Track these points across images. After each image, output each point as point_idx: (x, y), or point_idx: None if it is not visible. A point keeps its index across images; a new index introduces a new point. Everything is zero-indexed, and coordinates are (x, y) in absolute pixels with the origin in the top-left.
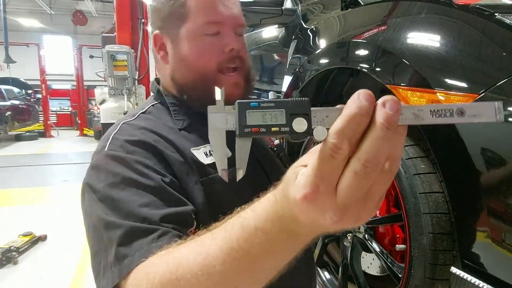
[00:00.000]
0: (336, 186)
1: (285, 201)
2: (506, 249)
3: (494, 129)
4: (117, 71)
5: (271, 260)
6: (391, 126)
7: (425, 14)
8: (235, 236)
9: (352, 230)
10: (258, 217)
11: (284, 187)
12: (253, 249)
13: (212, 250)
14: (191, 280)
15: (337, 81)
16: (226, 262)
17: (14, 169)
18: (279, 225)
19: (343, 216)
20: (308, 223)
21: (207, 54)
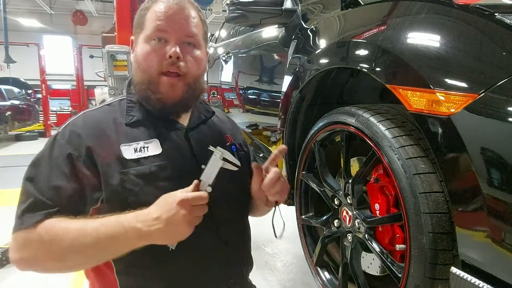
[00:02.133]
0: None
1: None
2: (506, 249)
3: (494, 129)
4: (117, 71)
5: (115, 246)
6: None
7: (425, 14)
8: (108, 224)
9: (352, 230)
10: (129, 221)
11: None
12: (111, 238)
13: (86, 225)
14: (65, 243)
15: (337, 81)
16: (88, 240)
17: (14, 169)
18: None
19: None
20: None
21: (151, 57)
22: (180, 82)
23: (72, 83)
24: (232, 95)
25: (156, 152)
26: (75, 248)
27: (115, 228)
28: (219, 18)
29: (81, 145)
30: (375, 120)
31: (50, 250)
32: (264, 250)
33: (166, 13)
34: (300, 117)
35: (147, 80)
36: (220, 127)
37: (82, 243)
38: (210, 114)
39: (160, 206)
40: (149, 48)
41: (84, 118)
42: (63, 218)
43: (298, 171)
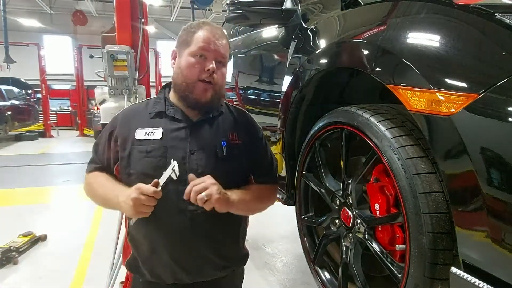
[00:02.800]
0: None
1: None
2: (506, 249)
3: (494, 129)
4: (117, 71)
5: (109, 202)
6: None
7: (425, 14)
8: (111, 188)
9: (352, 230)
10: (118, 191)
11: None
12: (108, 197)
13: (106, 185)
14: (96, 188)
15: (337, 81)
16: (101, 192)
17: (14, 169)
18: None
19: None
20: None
21: (193, 67)
22: (211, 88)
23: (72, 83)
24: (232, 95)
25: (157, 137)
26: (97, 196)
27: (111, 193)
28: (219, 18)
29: (116, 127)
30: (375, 120)
31: (90, 191)
32: (264, 250)
33: (209, 38)
34: (300, 117)
35: (186, 83)
36: (227, 125)
37: (98, 193)
38: (218, 113)
39: (131, 188)
40: (194, 60)
41: (128, 108)
42: (102, 174)
43: (298, 171)
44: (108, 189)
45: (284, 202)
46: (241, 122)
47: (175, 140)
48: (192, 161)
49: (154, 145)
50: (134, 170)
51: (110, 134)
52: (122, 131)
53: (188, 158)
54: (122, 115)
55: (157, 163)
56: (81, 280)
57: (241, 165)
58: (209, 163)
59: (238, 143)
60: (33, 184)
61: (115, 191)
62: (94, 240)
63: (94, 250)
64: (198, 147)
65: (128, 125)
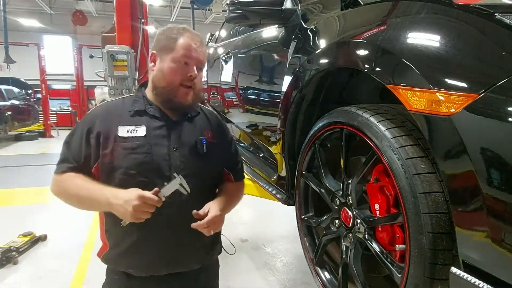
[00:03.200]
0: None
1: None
2: (506, 249)
3: (494, 129)
4: (117, 71)
5: (95, 204)
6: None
7: (425, 14)
8: (95, 186)
9: (352, 230)
10: (102, 190)
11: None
12: (91, 194)
13: (82, 184)
14: (73, 189)
15: (337, 81)
16: (82, 194)
17: (14, 169)
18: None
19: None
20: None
21: (176, 73)
22: (191, 92)
23: (72, 83)
24: (232, 95)
25: (141, 135)
26: (75, 197)
27: (97, 193)
28: (219, 18)
29: (94, 124)
30: (375, 120)
31: (63, 193)
32: (264, 250)
33: (191, 46)
34: (300, 117)
35: (169, 87)
36: (203, 124)
37: (80, 196)
38: (195, 113)
39: (128, 192)
40: (177, 67)
41: (103, 105)
42: (78, 175)
43: (298, 171)
44: (93, 190)
45: (284, 202)
46: (214, 123)
47: (158, 137)
48: (175, 157)
49: (139, 142)
50: (118, 166)
51: (88, 131)
52: (103, 128)
53: (172, 155)
54: (101, 112)
55: (142, 160)
56: (81, 280)
57: (218, 162)
58: (191, 159)
59: (214, 141)
60: (33, 184)
61: (103, 192)
62: (94, 240)
63: (94, 250)
64: (180, 144)
65: (109, 122)
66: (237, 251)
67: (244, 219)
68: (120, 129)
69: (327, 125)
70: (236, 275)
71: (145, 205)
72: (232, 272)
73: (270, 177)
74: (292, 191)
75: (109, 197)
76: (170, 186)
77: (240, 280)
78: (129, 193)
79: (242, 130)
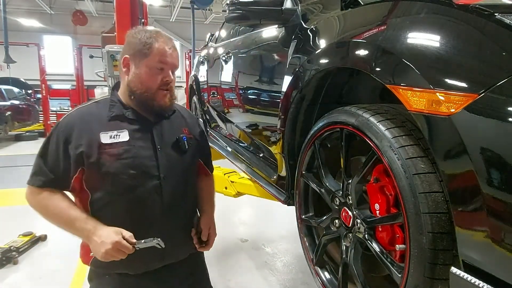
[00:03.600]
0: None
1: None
2: (506, 249)
3: (494, 129)
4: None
5: (75, 231)
6: None
7: (425, 14)
8: (71, 212)
9: (352, 230)
10: (87, 221)
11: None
12: (73, 222)
13: (61, 206)
14: (53, 211)
15: (337, 81)
16: (64, 219)
17: (14, 169)
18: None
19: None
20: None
21: (153, 78)
22: (168, 94)
23: (72, 83)
24: (232, 95)
25: (125, 139)
26: (53, 219)
27: (80, 225)
28: (219, 18)
29: (73, 133)
30: (375, 120)
31: (42, 209)
32: (264, 250)
33: (166, 52)
34: (300, 117)
35: (148, 92)
36: (179, 122)
37: (59, 219)
38: (171, 112)
39: (108, 234)
40: (154, 72)
41: (77, 112)
42: (59, 195)
43: (298, 171)
44: (75, 220)
45: (284, 202)
46: (188, 118)
47: (141, 140)
48: (161, 157)
49: (123, 147)
50: (106, 173)
51: (66, 142)
52: (83, 136)
53: (157, 155)
54: (76, 120)
55: (130, 164)
56: (81, 280)
57: (196, 155)
58: (175, 157)
59: (191, 136)
60: None
61: (86, 226)
62: None
63: None
64: (163, 144)
65: (88, 130)
66: (237, 251)
67: (244, 219)
68: (102, 136)
69: (327, 125)
70: (236, 275)
71: (118, 251)
72: (232, 272)
73: (270, 177)
74: (292, 191)
75: (90, 231)
76: (147, 243)
77: (240, 280)
78: (108, 235)
79: (242, 130)
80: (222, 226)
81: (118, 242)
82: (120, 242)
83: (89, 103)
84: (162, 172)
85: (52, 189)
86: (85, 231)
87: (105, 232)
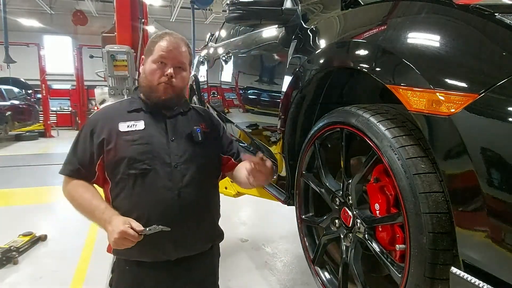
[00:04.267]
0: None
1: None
2: (506, 249)
3: (494, 129)
4: (117, 71)
5: (94, 220)
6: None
7: (425, 14)
8: (93, 202)
9: (352, 230)
10: (104, 212)
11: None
12: (93, 212)
13: (85, 197)
14: (77, 201)
15: (337, 81)
16: (85, 206)
17: (14, 169)
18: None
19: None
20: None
21: (154, 72)
22: (170, 88)
23: (72, 83)
24: (232, 95)
25: (140, 128)
26: (78, 208)
27: (99, 215)
28: (219, 18)
29: (97, 125)
30: (375, 120)
31: (70, 199)
32: (264, 250)
33: (167, 47)
34: (300, 117)
35: (150, 86)
36: (196, 118)
37: (82, 209)
38: (187, 109)
39: (118, 222)
40: (155, 66)
41: (102, 109)
42: (84, 185)
43: (298, 171)
44: (96, 210)
45: (284, 202)
46: (206, 116)
47: (155, 130)
48: (173, 147)
49: (139, 134)
50: (122, 158)
51: (92, 132)
52: (105, 127)
53: (170, 145)
54: (101, 114)
55: (143, 149)
56: (81, 280)
57: (213, 149)
58: (188, 147)
59: (207, 130)
60: (33, 184)
61: (103, 216)
62: (94, 240)
63: (94, 250)
64: (176, 136)
65: (110, 121)
66: (237, 251)
67: (244, 219)
68: (120, 125)
69: (327, 125)
70: (236, 275)
71: (125, 239)
72: (232, 272)
73: None
74: (292, 191)
75: (106, 221)
76: (152, 230)
77: (240, 280)
78: (117, 225)
79: (242, 130)
80: (222, 226)
81: (124, 231)
82: (126, 231)
83: (115, 102)
84: (174, 161)
85: (80, 180)
86: (102, 220)
87: (115, 222)
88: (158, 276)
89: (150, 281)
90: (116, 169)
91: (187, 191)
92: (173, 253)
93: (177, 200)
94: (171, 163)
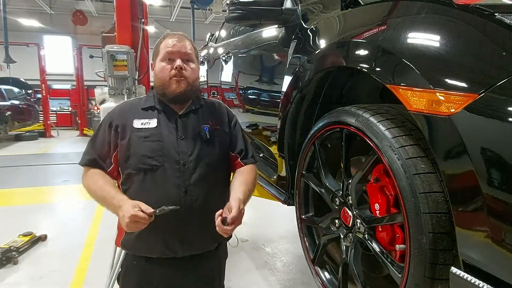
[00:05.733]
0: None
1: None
2: (506, 249)
3: (494, 129)
4: (117, 71)
5: (107, 206)
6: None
7: (425, 14)
8: (105, 188)
9: (352, 230)
10: (114, 197)
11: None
12: (105, 198)
13: (98, 184)
14: (92, 188)
15: (337, 81)
16: (98, 193)
17: (14, 169)
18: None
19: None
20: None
21: (164, 69)
22: (183, 81)
23: (72, 83)
24: (232, 95)
25: (153, 126)
26: (93, 196)
27: (111, 201)
28: (219, 18)
29: (115, 118)
30: (375, 120)
31: (88, 188)
32: (264, 250)
33: (171, 43)
34: (300, 117)
35: (163, 82)
36: (206, 114)
37: (97, 196)
38: (199, 106)
39: (128, 207)
40: (164, 64)
41: (121, 104)
42: (100, 174)
43: (298, 171)
44: (108, 196)
45: (284, 202)
46: (218, 110)
47: (167, 128)
48: (182, 145)
49: (151, 131)
50: (134, 152)
51: (110, 125)
52: (121, 121)
53: (179, 143)
54: (119, 109)
55: (154, 146)
56: (81, 280)
57: (222, 146)
58: (196, 145)
59: (217, 127)
60: (33, 184)
61: (113, 201)
62: (94, 240)
63: (94, 250)
64: (186, 134)
65: (126, 116)
66: (237, 251)
67: (244, 219)
68: (135, 122)
69: (327, 125)
70: (236, 275)
71: (136, 222)
72: (232, 272)
73: (270, 177)
74: (292, 191)
75: (116, 207)
76: (161, 211)
77: (240, 280)
78: (127, 210)
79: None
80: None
81: (134, 215)
82: (136, 214)
83: (133, 99)
84: (183, 158)
85: (97, 169)
86: (112, 206)
87: (125, 207)
88: (167, 272)
89: (159, 277)
90: (127, 163)
91: (194, 189)
92: (179, 250)
93: (183, 197)
94: (180, 160)
